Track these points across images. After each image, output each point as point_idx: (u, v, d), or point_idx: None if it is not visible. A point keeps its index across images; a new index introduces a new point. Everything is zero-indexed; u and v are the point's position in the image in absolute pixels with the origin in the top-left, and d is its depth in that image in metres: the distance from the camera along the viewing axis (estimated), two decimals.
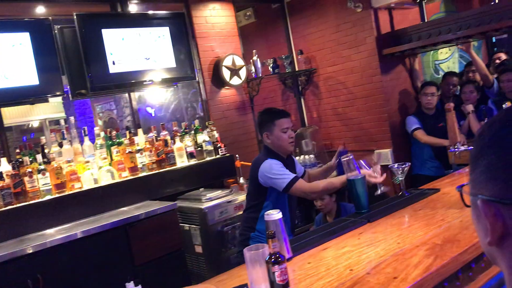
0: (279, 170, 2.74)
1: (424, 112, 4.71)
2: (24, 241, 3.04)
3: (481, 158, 0.69)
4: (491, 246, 0.69)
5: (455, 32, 4.35)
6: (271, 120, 2.87)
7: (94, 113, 7.74)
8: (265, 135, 2.89)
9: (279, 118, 2.87)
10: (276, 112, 2.97)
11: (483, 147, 0.69)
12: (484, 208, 0.68)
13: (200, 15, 4.73)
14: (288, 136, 2.86)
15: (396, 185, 4.61)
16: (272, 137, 2.86)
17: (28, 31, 3.58)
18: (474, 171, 0.71)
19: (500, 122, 0.69)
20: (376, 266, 1.84)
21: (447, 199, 2.66)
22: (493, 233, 0.67)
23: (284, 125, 2.86)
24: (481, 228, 0.71)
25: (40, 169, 3.31)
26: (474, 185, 0.71)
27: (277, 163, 2.77)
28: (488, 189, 0.67)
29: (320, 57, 5.39)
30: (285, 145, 2.87)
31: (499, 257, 0.70)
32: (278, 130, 2.84)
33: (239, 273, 2.07)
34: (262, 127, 2.93)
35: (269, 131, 2.86)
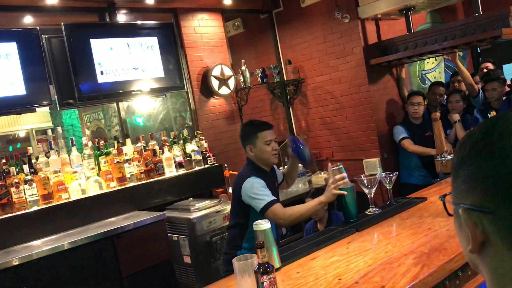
0: (259, 190, 2.63)
1: (411, 121, 4.76)
2: (10, 252, 3.00)
3: (461, 168, 0.71)
4: (473, 253, 0.71)
5: (441, 43, 4.41)
6: (254, 132, 2.79)
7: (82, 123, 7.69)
8: (248, 148, 2.80)
9: (262, 130, 2.80)
10: (258, 124, 2.89)
11: (464, 157, 0.71)
12: (465, 217, 0.69)
13: (189, 25, 4.75)
14: (271, 148, 2.79)
15: (384, 194, 4.66)
16: (255, 150, 2.78)
17: (15, 41, 3.57)
18: (456, 180, 0.73)
19: (480, 133, 0.70)
20: (364, 275, 1.85)
21: (434, 208, 2.68)
22: (474, 241, 0.69)
23: (268, 137, 2.78)
24: (463, 236, 0.73)
25: (27, 180, 3.28)
26: (456, 194, 0.73)
27: (259, 182, 2.67)
28: (469, 198, 0.69)
29: (308, 67, 5.43)
30: (269, 157, 2.80)
31: (481, 265, 0.71)
32: (261, 142, 2.77)
33: (227, 284, 2.07)
34: (245, 140, 2.84)
35: (252, 143, 2.78)
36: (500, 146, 0.66)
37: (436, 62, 6.24)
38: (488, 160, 0.67)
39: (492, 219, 0.66)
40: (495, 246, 0.67)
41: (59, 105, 3.91)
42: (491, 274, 0.70)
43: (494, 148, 0.67)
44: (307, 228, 3.82)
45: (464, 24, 4.33)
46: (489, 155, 0.67)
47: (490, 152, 0.67)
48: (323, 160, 5.46)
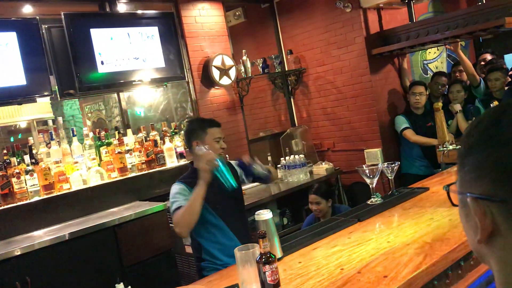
0: (174, 196, 2.54)
1: (412, 111, 4.74)
2: (12, 243, 3.01)
3: (469, 156, 0.70)
4: (481, 244, 0.69)
5: (443, 32, 4.38)
6: (203, 128, 2.68)
7: (83, 114, 7.67)
8: (194, 143, 2.64)
9: (212, 126, 2.69)
10: (208, 120, 2.80)
11: (472, 145, 0.70)
12: (474, 206, 0.68)
13: (189, 14, 4.72)
14: (219, 146, 2.67)
15: (385, 185, 4.66)
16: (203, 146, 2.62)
17: (15, 30, 3.54)
18: (463, 169, 0.71)
19: (488, 120, 0.69)
20: (366, 265, 1.85)
21: (436, 198, 2.68)
22: (483, 231, 0.68)
23: (217, 134, 2.68)
24: (470, 226, 0.72)
25: (28, 170, 3.28)
26: (463, 183, 0.72)
27: (177, 188, 2.57)
28: (477, 187, 0.68)
29: (310, 57, 5.40)
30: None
31: (488, 255, 0.70)
32: (210, 138, 2.65)
33: (229, 274, 2.07)
34: (191, 135, 2.70)
35: (200, 139, 2.64)
36: (510, 133, 0.65)
37: (438, 52, 6.21)
38: (498, 148, 0.65)
39: (502, 208, 0.65)
40: (504, 236, 0.66)
41: (60, 96, 3.90)
42: (499, 264, 0.69)
43: (504, 136, 0.65)
44: (310, 221, 3.77)
45: (466, 14, 4.30)
46: (499, 143, 0.66)
47: (500, 140, 0.66)
48: (325, 150, 5.45)
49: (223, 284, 1.93)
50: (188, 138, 2.74)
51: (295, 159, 4.88)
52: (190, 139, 2.70)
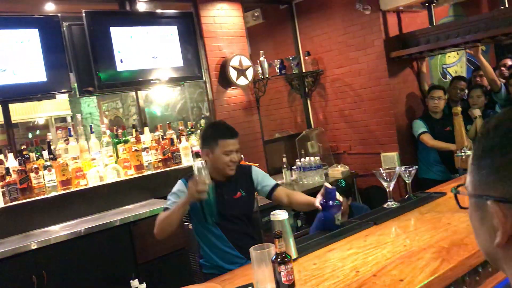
0: (171, 193, 2.52)
1: (431, 115, 4.69)
2: (29, 237, 3.05)
3: (486, 158, 0.68)
4: (498, 248, 0.68)
5: (463, 36, 4.33)
6: (215, 138, 2.53)
7: (100, 111, 7.75)
8: (205, 151, 2.57)
9: (224, 138, 2.53)
10: (223, 130, 2.60)
11: (492, 147, 0.68)
12: (495, 208, 0.67)
13: (208, 15, 4.73)
14: (229, 159, 2.51)
15: (401, 189, 4.61)
16: (212, 156, 2.53)
17: (37, 27, 3.59)
18: (479, 171, 0.70)
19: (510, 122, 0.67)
20: (382, 268, 1.83)
21: (454, 203, 2.60)
22: (504, 234, 0.66)
23: (229, 147, 2.51)
24: (485, 230, 0.70)
25: (46, 165, 3.32)
26: (479, 186, 0.70)
27: (177, 187, 2.54)
28: (498, 190, 0.66)
29: (327, 59, 5.38)
30: (223, 168, 2.52)
31: (505, 260, 0.69)
32: (220, 151, 2.51)
33: (243, 273, 2.07)
34: (204, 141, 2.60)
35: (210, 148, 2.54)
36: None
37: (458, 56, 6.14)
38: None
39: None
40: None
41: (79, 93, 3.94)
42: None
43: None
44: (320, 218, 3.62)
45: (488, 17, 4.24)
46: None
47: None
48: (341, 153, 5.42)
49: (238, 283, 1.93)
50: (201, 143, 2.68)
51: (311, 161, 4.85)
52: (203, 145, 2.62)
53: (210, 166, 2.52)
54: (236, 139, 2.58)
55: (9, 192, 3.15)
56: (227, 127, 2.66)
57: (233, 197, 2.60)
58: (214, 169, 2.55)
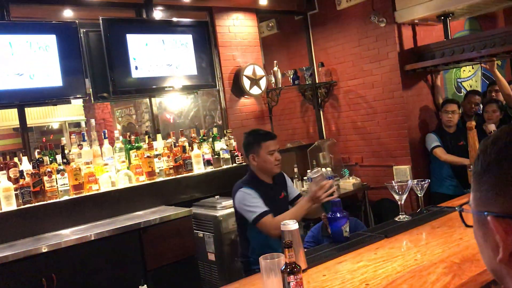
0: (251, 202, 2.69)
1: (444, 129, 4.66)
2: (40, 240, 3.07)
3: (487, 174, 0.68)
4: (501, 263, 0.67)
5: (479, 50, 4.30)
6: (258, 141, 2.84)
7: (114, 118, 7.82)
8: (251, 157, 2.85)
9: (266, 140, 2.84)
10: (263, 134, 2.95)
11: (490, 163, 0.67)
12: (495, 224, 0.66)
13: (223, 24, 4.77)
14: (274, 158, 2.83)
15: (413, 202, 4.57)
16: (259, 159, 2.83)
17: (55, 33, 3.65)
18: (480, 188, 0.69)
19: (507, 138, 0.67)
20: (392, 281, 1.81)
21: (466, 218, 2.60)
22: (505, 249, 0.65)
23: (271, 147, 2.83)
24: (488, 246, 0.69)
25: (59, 169, 3.35)
26: (480, 202, 0.69)
27: (249, 193, 2.72)
28: (498, 205, 0.66)
29: (341, 70, 5.38)
30: (271, 167, 2.84)
31: (509, 276, 0.68)
32: (264, 152, 2.81)
33: (252, 282, 2.06)
34: (248, 148, 2.88)
35: (255, 152, 2.83)
36: None
37: (473, 70, 6.10)
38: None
39: None
40: None
41: (94, 98, 3.98)
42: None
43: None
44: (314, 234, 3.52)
45: (505, 32, 4.21)
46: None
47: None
48: (352, 165, 5.40)
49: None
50: (245, 150, 2.92)
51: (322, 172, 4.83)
52: (247, 152, 2.89)
53: (258, 169, 2.86)
54: (275, 139, 2.90)
55: (22, 195, 3.18)
56: (265, 131, 3.05)
57: (279, 197, 2.92)
58: (262, 171, 2.86)
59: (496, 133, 0.69)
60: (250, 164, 2.90)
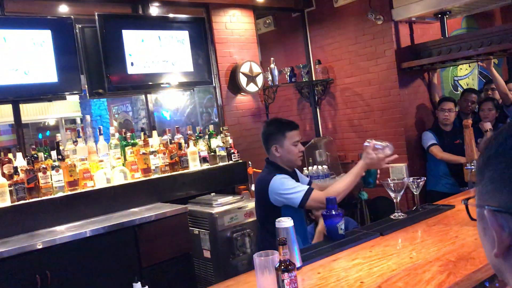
0: (290, 185, 2.52)
1: (441, 128, 4.66)
2: (34, 236, 3.05)
3: (487, 168, 0.68)
4: (498, 258, 0.67)
5: (476, 49, 4.30)
6: (282, 132, 2.65)
7: (110, 114, 7.80)
8: (273, 148, 2.65)
9: (290, 130, 2.66)
10: (286, 123, 2.74)
11: (490, 157, 0.67)
12: (491, 219, 0.66)
13: (220, 20, 4.75)
14: (298, 149, 2.67)
15: (409, 200, 4.57)
16: (282, 150, 2.65)
17: (50, 29, 3.62)
18: (481, 182, 0.69)
19: (507, 132, 0.67)
20: (387, 279, 1.81)
21: (462, 216, 2.61)
22: (500, 244, 0.65)
23: (296, 137, 2.66)
24: (487, 240, 0.70)
25: (54, 166, 3.33)
26: (480, 196, 0.70)
27: (286, 177, 2.57)
28: (495, 200, 0.66)
29: (338, 68, 5.37)
30: (295, 159, 2.68)
31: (506, 270, 0.68)
32: (289, 143, 2.64)
33: (246, 280, 2.05)
34: (270, 138, 2.68)
35: (278, 143, 2.65)
36: None
37: (470, 68, 6.10)
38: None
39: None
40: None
41: (89, 94, 3.96)
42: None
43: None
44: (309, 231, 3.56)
45: (502, 30, 4.21)
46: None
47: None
48: (349, 163, 5.39)
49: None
50: (266, 140, 2.72)
51: (318, 169, 4.84)
52: (268, 142, 2.69)
53: (280, 161, 2.67)
54: (298, 130, 2.73)
55: (17, 191, 3.16)
56: (288, 120, 2.80)
57: None
58: (285, 162, 2.68)
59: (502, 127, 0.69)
60: (272, 155, 2.69)
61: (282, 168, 2.68)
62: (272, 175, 2.58)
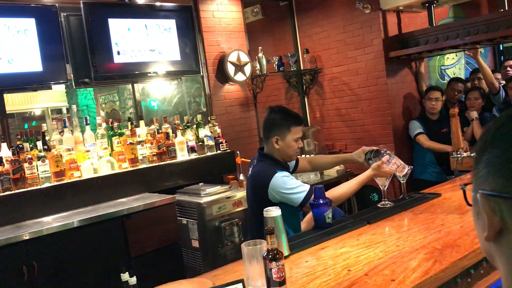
0: (292, 184, 2.45)
1: (428, 116, 4.69)
2: (21, 227, 3.03)
3: (484, 153, 0.69)
4: (488, 241, 0.68)
5: (462, 38, 4.32)
6: (287, 125, 2.57)
7: (97, 104, 7.71)
8: (274, 139, 2.57)
9: (296, 124, 2.58)
10: (294, 116, 2.64)
11: (486, 142, 0.68)
12: (483, 203, 0.66)
13: (207, 9, 4.71)
14: (298, 146, 2.62)
15: (396, 189, 4.61)
16: (283, 143, 2.57)
17: (34, 17, 3.56)
18: (477, 166, 0.70)
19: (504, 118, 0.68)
20: (374, 267, 1.82)
21: (448, 204, 2.64)
22: (491, 228, 0.66)
23: (299, 133, 2.59)
24: (480, 224, 0.71)
25: (40, 156, 3.29)
26: (476, 180, 0.71)
27: (288, 175, 2.49)
28: (489, 184, 0.67)
29: (326, 57, 5.37)
30: (292, 154, 2.64)
31: (496, 254, 0.69)
32: (291, 138, 2.57)
33: (234, 269, 2.05)
34: (273, 129, 2.58)
35: (280, 135, 2.57)
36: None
37: (457, 58, 6.13)
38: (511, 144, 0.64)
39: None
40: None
41: (75, 84, 3.91)
42: (507, 263, 0.67)
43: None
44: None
45: (488, 20, 4.23)
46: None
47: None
48: (337, 152, 5.42)
49: (228, 278, 1.91)
50: (268, 129, 2.63)
51: None
52: (271, 133, 2.60)
53: (277, 153, 2.60)
54: (303, 125, 2.67)
55: (2, 182, 3.12)
56: (295, 113, 2.70)
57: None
58: (280, 156, 2.62)
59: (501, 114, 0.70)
60: (270, 146, 2.61)
61: (280, 162, 2.62)
62: (273, 172, 2.49)
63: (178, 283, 1.92)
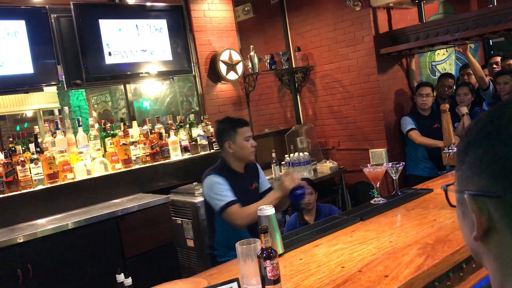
0: (219, 190, 2.62)
1: (419, 112, 4.72)
2: (14, 230, 3.02)
3: (467, 153, 0.69)
4: (476, 241, 0.69)
5: (452, 34, 4.35)
6: (233, 128, 2.76)
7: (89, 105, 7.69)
8: (227, 144, 2.76)
9: (242, 126, 2.78)
10: (237, 120, 2.88)
11: (470, 142, 0.69)
12: (471, 203, 0.67)
13: (198, 8, 4.71)
14: (250, 145, 2.77)
15: (389, 185, 4.64)
16: (235, 146, 2.75)
17: (24, 19, 3.55)
18: (461, 167, 0.71)
19: (487, 118, 0.69)
20: (367, 263, 1.84)
21: (440, 200, 2.66)
22: (479, 227, 0.67)
23: (247, 133, 2.77)
24: (466, 224, 0.71)
25: (32, 159, 3.28)
26: (460, 181, 0.71)
27: (218, 182, 2.64)
28: (474, 184, 0.67)
29: (318, 55, 5.39)
30: (248, 154, 2.78)
31: (484, 253, 0.70)
32: (241, 138, 2.75)
33: (229, 268, 2.07)
34: (222, 136, 2.79)
35: (231, 139, 2.75)
36: (509, 130, 0.64)
37: (447, 53, 6.17)
38: (497, 144, 0.64)
39: (499, 204, 0.64)
40: (500, 233, 0.65)
41: (66, 85, 3.90)
42: (495, 262, 0.68)
43: (503, 132, 0.64)
44: (291, 222, 3.59)
45: (477, 16, 4.26)
46: (497, 139, 0.65)
47: (498, 136, 0.65)
48: (329, 149, 5.44)
49: (223, 278, 1.93)
50: (219, 139, 2.83)
51: (300, 156, 4.86)
52: (222, 140, 2.79)
53: (232, 157, 2.78)
54: (249, 126, 2.88)
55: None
56: (238, 117, 2.96)
57: (250, 187, 2.86)
58: (237, 159, 2.79)
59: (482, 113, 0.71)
60: (225, 152, 2.80)
61: (228, 168, 2.77)
62: (208, 173, 2.73)
63: (173, 283, 1.93)
